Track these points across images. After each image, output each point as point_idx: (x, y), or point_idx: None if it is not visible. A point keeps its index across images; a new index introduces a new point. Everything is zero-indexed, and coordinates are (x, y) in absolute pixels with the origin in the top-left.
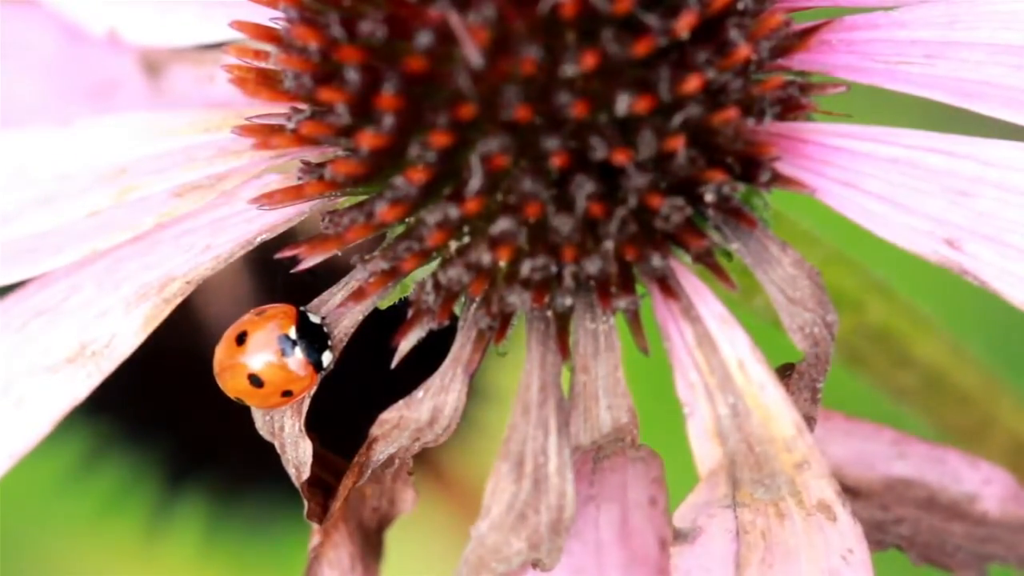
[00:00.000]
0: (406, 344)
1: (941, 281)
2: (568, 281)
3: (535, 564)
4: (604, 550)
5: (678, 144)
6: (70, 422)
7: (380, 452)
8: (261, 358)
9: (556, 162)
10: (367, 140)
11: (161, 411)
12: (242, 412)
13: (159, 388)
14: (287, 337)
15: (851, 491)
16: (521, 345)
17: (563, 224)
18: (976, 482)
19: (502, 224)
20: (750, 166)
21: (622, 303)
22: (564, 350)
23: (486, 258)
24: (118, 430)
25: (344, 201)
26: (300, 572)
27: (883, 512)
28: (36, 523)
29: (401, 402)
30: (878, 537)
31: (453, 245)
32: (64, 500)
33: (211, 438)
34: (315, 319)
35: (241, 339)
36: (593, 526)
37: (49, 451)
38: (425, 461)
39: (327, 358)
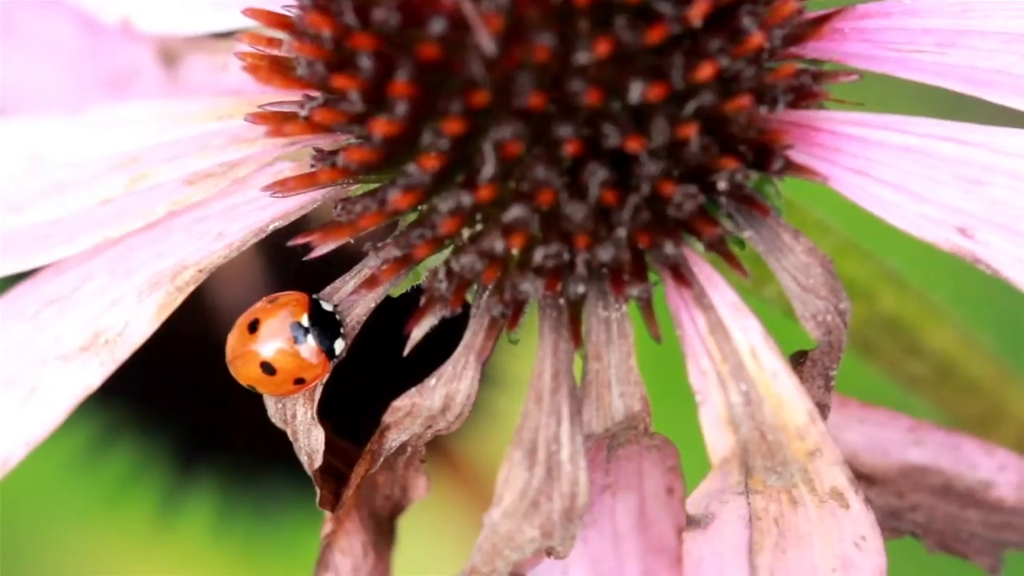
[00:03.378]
0: (418, 332)
1: (953, 270)
2: (581, 269)
3: (549, 552)
4: (622, 539)
5: (691, 132)
6: (79, 408)
7: (392, 440)
8: (273, 346)
9: (569, 149)
10: (380, 127)
11: (171, 397)
12: (253, 398)
13: (169, 374)
14: (299, 325)
15: (866, 478)
16: (534, 333)
17: (576, 211)
18: (992, 469)
19: (515, 211)
20: (763, 154)
21: (635, 291)
22: (576, 338)
23: (499, 245)
24: (128, 416)
25: (357, 189)
26: (312, 559)
27: (898, 499)
28: (45, 510)
29: (413, 390)
30: (893, 524)
31: (466, 232)
32: (73, 487)
33: (222, 424)
34: (327, 307)
35: (253, 327)
36: (610, 515)
37: (58, 437)
38: (437, 448)
39: (339, 346)
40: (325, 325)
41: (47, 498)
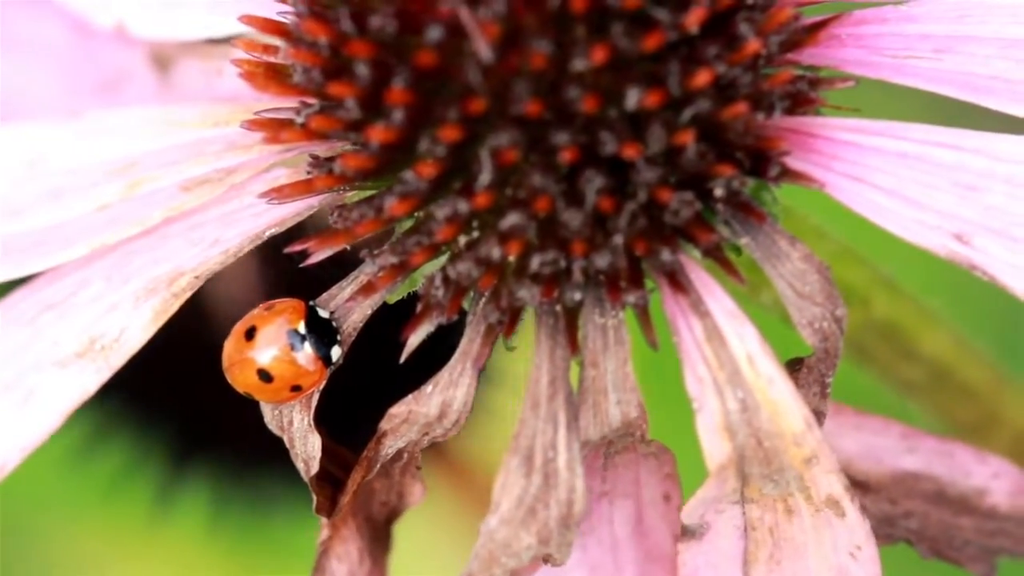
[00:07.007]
0: (415, 338)
1: (949, 276)
2: (577, 275)
3: (546, 559)
4: (620, 547)
5: (688, 139)
6: None
7: (389, 446)
8: (270, 353)
9: (566, 156)
10: (377, 134)
11: (166, 393)
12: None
13: (164, 370)
14: (296, 332)
15: (860, 485)
16: (530, 336)
17: (572, 219)
18: (985, 476)
19: (512, 218)
20: (759, 160)
21: (631, 298)
22: (573, 345)
23: (495, 252)
24: (122, 412)
25: (353, 195)
26: (306, 555)
27: (892, 506)
28: (39, 505)
29: (410, 396)
30: (887, 531)
31: (462, 239)
32: (68, 482)
33: (216, 420)
34: (324, 314)
35: (250, 334)
36: (608, 523)
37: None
38: (434, 447)
39: (336, 353)
40: (322, 332)
41: (41, 494)
